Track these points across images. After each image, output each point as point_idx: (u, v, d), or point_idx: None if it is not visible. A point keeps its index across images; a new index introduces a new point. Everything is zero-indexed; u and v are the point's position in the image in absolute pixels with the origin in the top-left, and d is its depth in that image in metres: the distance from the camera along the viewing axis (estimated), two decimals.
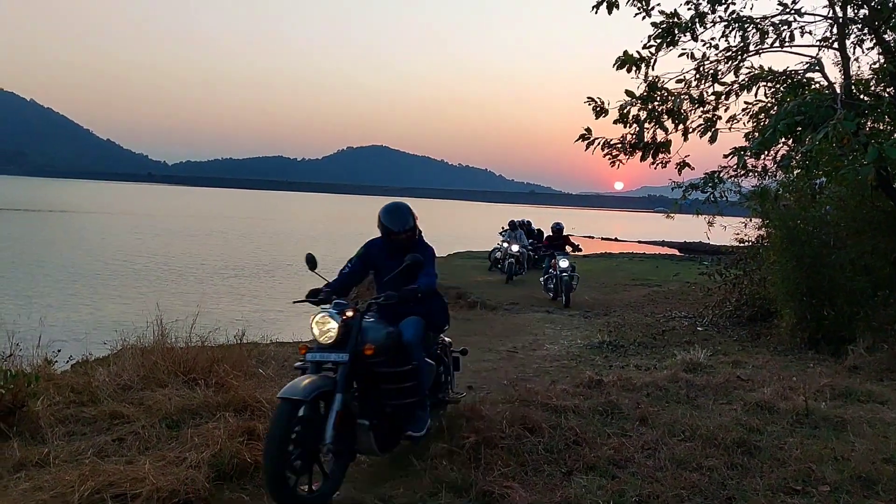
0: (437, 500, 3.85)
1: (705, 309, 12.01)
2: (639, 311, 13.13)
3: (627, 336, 10.17)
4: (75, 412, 4.97)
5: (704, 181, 9.65)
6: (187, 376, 5.69)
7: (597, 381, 6.61)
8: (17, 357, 5.14)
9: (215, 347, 6.43)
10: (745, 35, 8.83)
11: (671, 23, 8.72)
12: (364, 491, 4.04)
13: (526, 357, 8.82)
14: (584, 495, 3.93)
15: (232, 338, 7.05)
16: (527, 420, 4.97)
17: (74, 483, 3.64)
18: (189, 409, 5.03)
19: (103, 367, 6.02)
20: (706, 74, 9.16)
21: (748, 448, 4.73)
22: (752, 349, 9.11)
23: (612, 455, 4.54)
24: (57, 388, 5.25)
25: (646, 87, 8.93)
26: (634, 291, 16.66)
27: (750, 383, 6.77)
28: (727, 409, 5.85)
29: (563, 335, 10.46)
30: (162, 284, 20.70)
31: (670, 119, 9.06)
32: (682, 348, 8.68)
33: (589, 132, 8.95)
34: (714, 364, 7.74)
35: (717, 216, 11.17)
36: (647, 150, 9.24)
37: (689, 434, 5.00)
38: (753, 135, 9.42)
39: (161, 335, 6.33)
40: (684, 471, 4.31)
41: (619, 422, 5.39)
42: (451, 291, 16.52)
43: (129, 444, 4.46)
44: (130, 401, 5.17)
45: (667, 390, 6.44)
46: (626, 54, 8.71)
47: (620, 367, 7.96)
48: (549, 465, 4.40)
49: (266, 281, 23.83)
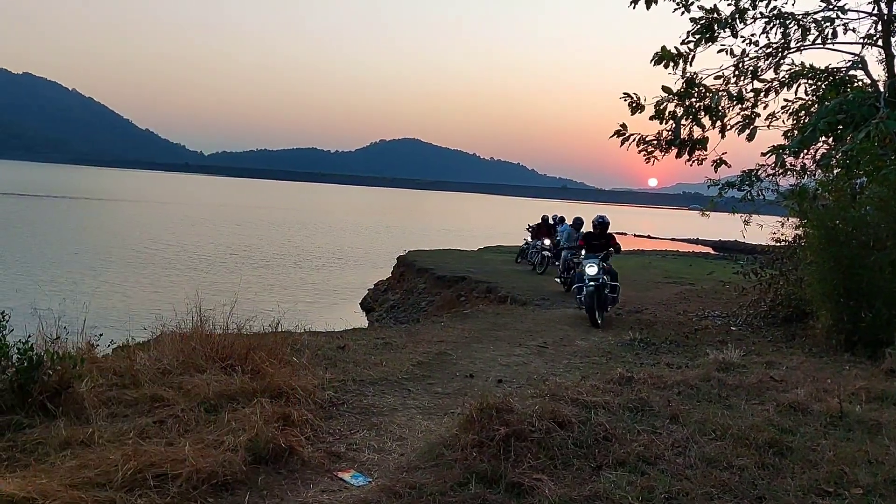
0: (467, 490, 3.90)
1: (739, 308, 11.88)
2: (671, 310, 13.04)
3: (659, 334, 10.11)
4: (118, 394, 5.13)
5: (741, 179, 9.57)
6: (224, 362, 5.82)
7: (627, 378, 6.59)
8: (63, 340, 5.30)
9: (251, 335, 6.56)
10: (787, 32, 8.73)
11: (711, 18, 8.66)
12: (395, 480, 4.12)
13: (556, 352, 8.83)
14: (613, 490, 3.96)
15: (267, 326, 7.18)
16: (556, 414, 4.98)
17: (118, 462, 3.77)
18: (226, 395, 5.16)
19: (144, 351, 6.18)
20: (745, 71, 9.08)
21: (780, 449, 4.70)
22: (787, 350, 9.00)
23: (641, 452, 4.55)
24: (100, 371, 5.41)
25: (683, 84, 8.88)
26: (667, 289, 16.52)
27: (783, 384, 6.70)
28: (759, 409, 5.80)
29: (593, 331, 10.44)
30: (197, 273, 21.09)
31: (707, 116, 9.01)
32: (715, 347, 8.60)
33: (624, 128, 8.94)
34: (747, 364, 7.67)
35: (753, 215, 11.04)
36: (682, 146, 9.21)
37: (720, 433, 4.98)
38: (793, 133, 9.30)
39: (199, 322, 6.48)
40: (714, 469, 4.30)
41: (649, 419, 5.38)
42: (480, 286, 16.62)
43: (170, 426, 4.60)
44: (170, 385, 5.31)
45: (698, 389, 6.41)
46: (664, 50, 8.67)
47: (651, 364, 7.93)
48: (579, 459, 4.43)
49: (294, 272, 24.12)
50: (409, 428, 5.31)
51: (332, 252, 33.02)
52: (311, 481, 4.16)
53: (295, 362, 6.34)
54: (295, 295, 20.51)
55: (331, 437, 4.92)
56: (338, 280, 25.71)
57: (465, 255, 24.96)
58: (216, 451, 4.07)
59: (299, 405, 5.02)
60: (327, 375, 6.42)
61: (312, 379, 5.86)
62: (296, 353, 6.71)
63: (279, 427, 4.50)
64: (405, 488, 3.94)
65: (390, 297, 21.61)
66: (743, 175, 9.37)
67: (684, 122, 9.02)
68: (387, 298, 21.81)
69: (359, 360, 7.38)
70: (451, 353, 8.39)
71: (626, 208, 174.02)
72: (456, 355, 8.33)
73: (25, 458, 4.04)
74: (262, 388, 5.27)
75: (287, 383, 5.35)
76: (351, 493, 3.99)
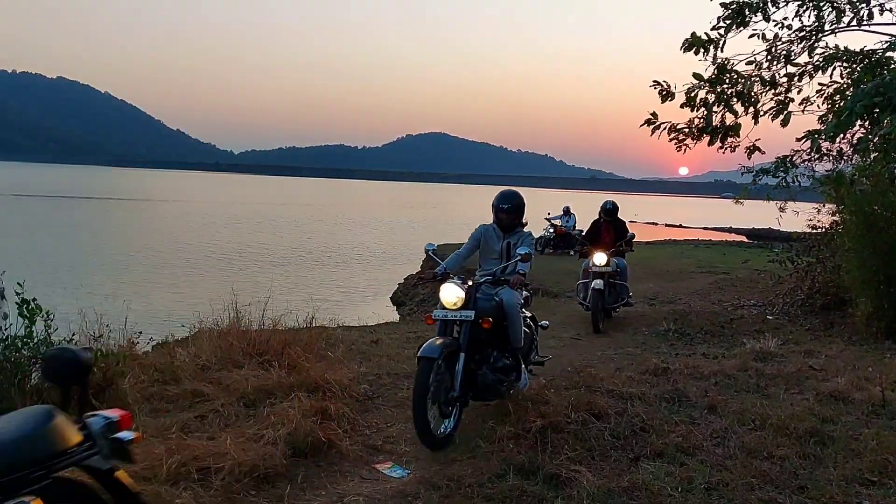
0: (505, 481, 3.92)
1: (776, 297, 11.68)
2: (705, 299, 12.88)
3: (694, 324, 10.00)
4: (159, 390, 5.24)
5: (776, 165, 9.42)
6: (261, 358, 5.90)
7: (663, 369, 6.56)
8: (105, 338, 5.42)
9: (286, 330, 6.64)
10: (821, 14, 8.55)
11: (742, 3, 8.51)
12: (433, 472, 4.15)
13: (590, 344, 8.79)
14: (652, 481, 3.94)
15: (301, 321, 7.27)
16: (592, 406, 4.98)
17: (162, 456, 3.85)
18: (264, 389, 5.24)
19: (182, 348, 6.30)
20: (778, 55, 8.92)
21: (821, 438, 4.64)
22: (826, 339, 8.85)
23: (679, 442, 4.52)
24: (142, 368, 5.52)
25: (714, 70, 8.74)
26: (701, 279, 16.32)
27: (823, 373, 6.61)
28: (799, 398, 5.73)
29: (627, 322, 10.36)
30: (233, 271, 21.38)
31: (740, 102, 8.86)
32: (752, 337, 8.50)
33: (654, 116, 8.84)
34: (785, 353, 7.57)
35: (788, 202, 10.84)
36: (715, 133, 9.08)
37: (760, 423, 4.94)
38: (828, 117, 9.10)
39: (236, 318, 6.58)
40: (754, 459, 4.27)
41: (686, 409, 5.35)
42: None
43: (211, 421, 4.68)
44: (209, 380, 5.41)
45: (736, 379, 6.35)
46: (694, 36, 8.55)
47: (687, 355, 7.86)
48: (616, 450, 4.42)
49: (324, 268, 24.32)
50: None
51: (362, 247, 33.23)
52: (350, 473, 4.21)
53: (330, 357, 6.41)
54: (326, 290, 20.67)
55: (368, 431, 4.97)
56: (368, 275, 25.86)
57: None
58: (257, 444, 4.14)
59: (336, 399, 5.07)
60: (362, 369, 6.48)
61: (348, 373, 5.92)
62: (330, 348, 6.78)
63: (317, 421, 4.56)
64: (443, 480, 3.97)
65: (420, 291, 21.66)
66: (777, 161, 9.21)
67: (716, 108, 8.88)
68: (417, 293, 21.87)
69: (392, 354, 7.43)
70: None
71: (656, 197, 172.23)
72: None
73: None
74: (299, 383, 5.33)
75: (323, 377, 5.41)
76: (390, 485, 4.03)
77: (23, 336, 4.69)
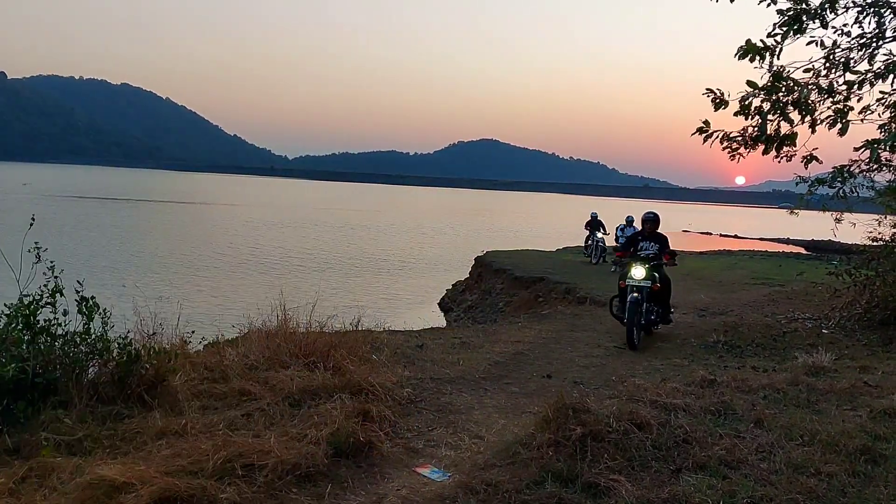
0: (543, 488, 3.92)
1: (832, 311, 11.34)
2: (758, 311, 12.58)
3: (745, 336, 9.79)
4: (208, 388, 5.40)
5: (833, 175, 9.14)
6: (307, 359, 6.03)
7: (710, 381, 6.44)
8: (159, 336, 5.62)
9: (333, 333, 6.77)
10: (882, 21, 8.28)
11: (799, 9, 8.30)
12: (472, 476, 4.17)
13: (636, 354, 8.69)
14: (693, 494, 3.88)
15: (348, 325, 7.38)
16: (635, 416, 4.92)
17: (209, 452, 3.97)
18: (309, 390, 5.35)
19: (232, 347, 6.47)
20: (837, 63, 8.66)
21: (873, 456, 4.49)
22: (883, 355, 8.54)
23: (723, 455, 4.44)
24: (192, 366, 5.71)
25: (770, 78, 8.54)
26: (754, 291, 15.94)
27: (878, 390, 6.38)
28: (851, 415, 5.56)
29: (675, 333, 10.20)
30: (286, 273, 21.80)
31: (796, 110, 8.63)
32: (805, 351, 8.27)
33: (707, 125, 8.67)
34: (839, 368, 7.34)
35: (845, 213, 10.50)
36: (769, 143, 8.86)
37: (808, 439, 4.81)
38: (889, 126, 8.79)
39: (284, 320, 6.74)
40: (801, 475, 4.16)
41: (732, 423, 5.24)
42: (559, 287, 16.49)
43: (256, 419, 4.81)
44: (256, 379, 5.55)
45: (785, 393, 6.19)
46: (749, 44, 8.36)
47: (736, 367, 7.70)
48: (657, 461, 4.37)
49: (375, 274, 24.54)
50: (486, 426, 5.36)
51: (412, 254, 33.47)
52: (389, 475, 4.27)
53: (374, 360, 6.51)
54: (374, 295, 20.92)
55: (409, 434, 5.03)
56: (417, 281, 26.05)
57: (543, 256, 24.80)
58: (299, 443, 4.23)
59: (378, 401, 5.15)
60: (406, 373, 6.55)
61: (391, 376, 5.99)
62: (375, 351, 6.88)
63: (359, 422, 4.64)
64: (482, 485, 3.99)
65: (468, 298, 21.72)
66: (835, 171, 8.93)
67: (771, 117, 8.67)
68: (464, 299, 21.93)
69: (436, 359, 7.48)
70: (528, 354, 8.40)
71: (712, 207, 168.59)
72: (533, 356, 8.32)
73: (125, 445, 4.32)
74: (343, 385, 5.43)
75: (366, 380, 5.50)
76: (430, 489, 4.07)
77: (81, 332, 4.90)
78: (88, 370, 4.95)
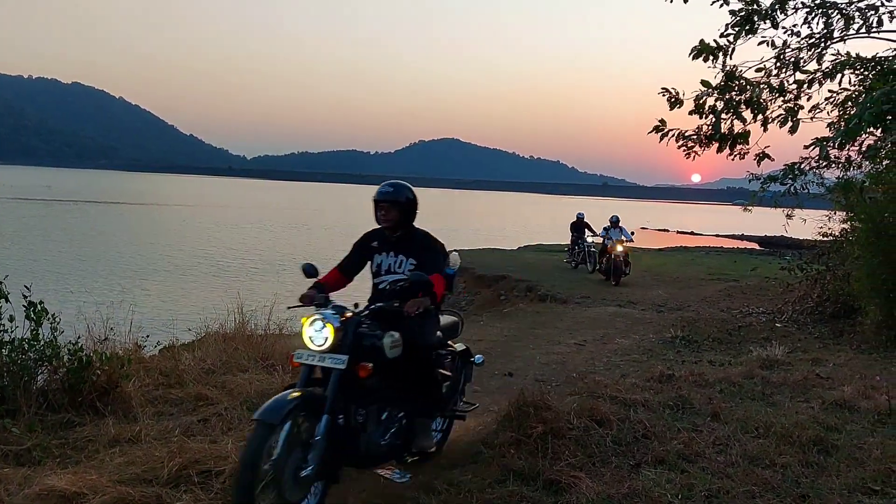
0: (505, 486, 3.91)
1: (785, 305, 11.62)
2: (714, 307, 12.83)
3: (701, 331, 9.96)
4: (163, 393, 5.29)
5: (784, 173, 9.36)
6: (266, 362, 5.95)
7: (668, 376, 6.53)
8: (111, 341, 5.48)
9: (292, 335, 6.68)
10: (829, 21, 8.51)
11: (750, 10, 8.48)
12: (434, 476, 4.15)
13: (596, 350, 8.77)
14: (653, 488, 3.93)
15: None
16: (595, 412, 4.96)
17: (164, 459, 3.88)
18: (268, 394, 5.23)
19: (188, 352, 6.35)
20: (787, 63, 8.88)
21: (825, 446, 4.60)
22: (834, 347, 8.78)
23: (681, 449, 4.50)
24: (147, 371, 5.59)
25: (723, 77, 8.71)
26: (710, 286, 16.25)
27: (830, 381, 6.55)
28: (804, 406, 5.69)
29: (634, 329, 10.33)
30: (242, 275, 21.48)
31: (749, 109, 8.81)
32: (759, 345, 8.45)
33: (663, 123, 8.80)
34: (792, 361, 7.52)
35: (796, 209, 10.77)
36: (723, 141, 9.03)
37: (763, 431, 4.90)
38: (838, 124, 9.04)
39: (241, 323, 6.63)
40: (756, 467, 4.24)
41: (689, 417, 5.32)
42: (520, 285, 16.57)
43: (213, 424, 4.72)
44: (213, 384, 5.45)
45: (741, 386, 6.31)
46: (703, 44, 8.52)
47: (693, 362, 7.82)
48: (617, 457, 4.41)
49: None
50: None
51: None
52: (350, 478, 4.21)
53: None
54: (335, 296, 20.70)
55: None
56: None
57: (504, 255, 24.88)
58: None
59: None
60: None
61: None
62: None
63: None
64: (443, 485, 3.98)
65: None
66: (786, 168, 9.15)
67: (724, 115, 8.84)
68: None
69: None
70: (490, 352, 8.40)
71: (669, 205, 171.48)
72: (495, 353, 8.34)
73: (76, 454, 4.20)
74: None
75: None
76: (391, 490, 4.03)
77: (29, 339, 4.74)
78: (37, 377, 4.80)
